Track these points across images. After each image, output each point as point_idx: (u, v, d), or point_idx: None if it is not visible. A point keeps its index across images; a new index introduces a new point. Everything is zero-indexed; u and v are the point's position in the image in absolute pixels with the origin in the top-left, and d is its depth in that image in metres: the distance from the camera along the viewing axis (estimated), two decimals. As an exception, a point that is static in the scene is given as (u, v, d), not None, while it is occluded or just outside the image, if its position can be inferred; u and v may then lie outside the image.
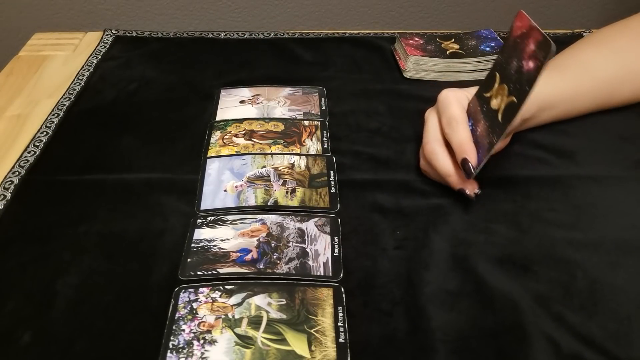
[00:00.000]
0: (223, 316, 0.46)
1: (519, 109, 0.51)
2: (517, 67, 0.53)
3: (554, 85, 0.65)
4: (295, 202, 0.57)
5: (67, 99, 0.74)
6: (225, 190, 0.59)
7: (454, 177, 0.57)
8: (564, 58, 0.70)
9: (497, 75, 0.56)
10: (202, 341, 0.44)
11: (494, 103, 0.55)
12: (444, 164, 0.58)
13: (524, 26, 0.53)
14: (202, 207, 0.57)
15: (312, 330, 0.45)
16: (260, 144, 0.65)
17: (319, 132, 0.67)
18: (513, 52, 0.54)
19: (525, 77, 0.51)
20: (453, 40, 0.84)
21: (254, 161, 0.62)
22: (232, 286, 0.49)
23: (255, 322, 0.46)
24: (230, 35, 0.91)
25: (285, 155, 0.63)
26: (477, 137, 0.57)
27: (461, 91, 0.60)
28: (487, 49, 0.81)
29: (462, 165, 0.56)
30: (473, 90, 0.60)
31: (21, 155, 0.64)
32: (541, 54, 0.49)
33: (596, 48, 0.70)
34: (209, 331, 0.45)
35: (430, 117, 0.61)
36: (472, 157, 0.55)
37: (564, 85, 0.66)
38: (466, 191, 0.57)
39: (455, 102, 0.59)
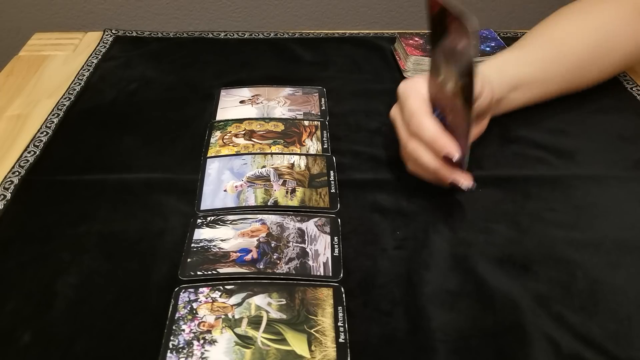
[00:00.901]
0: (223, 316, 0.46)
1: (472, 90, 0.47)
2: (452, 46, 0.49)
3: (526, 64, 0.64)
4: (295, 202, 0.57)
5: (67, 99, 0.74)
6: (225, 190, 0.59)
7: (443, 170, 0.53)
8: (536, 35, 0.68)
9: (439, 58, 0.52)
10: (202, 341, 0.44)
11: (450, 87, 0.51)
12: (430, 160, 0.53)
13: (436, 6, 0.50)
14: (202, 207, 0.57)
15: (312, 330, 0.45)
16: (260, 144, 0.65)
17: (319, 132, 0.67)
18: (440, 32, 0.51)
19: (465, 56, 0.48)
20: (453, 40, 0.84)
21: (254, 161, 0.62)
22: (232, 286, 0.49)
23: (255, 322, 0.46)
24: (230, 35, 0.91)
25: (285, 155, 0.63)
26: (449, 125, 0.53)
27: (420, 78, 0.57)
28: (487, 49, 0.81)
29: (446, 161, 0.52)
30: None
31: (21, 155, 0.64)
32: (467, 30, 0.46)
33: (571, 22, 0.68)
34: (208, 331, 0.45)
35: (396, 116, 0.58)
36: (451, 149, 0.51)
37: (536, 66, 0.64)
38: (460, 184, 0.52)
39: (413, 94, 0.55)
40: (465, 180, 0.52)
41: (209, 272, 0.50)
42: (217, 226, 0.55)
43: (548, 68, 0.65)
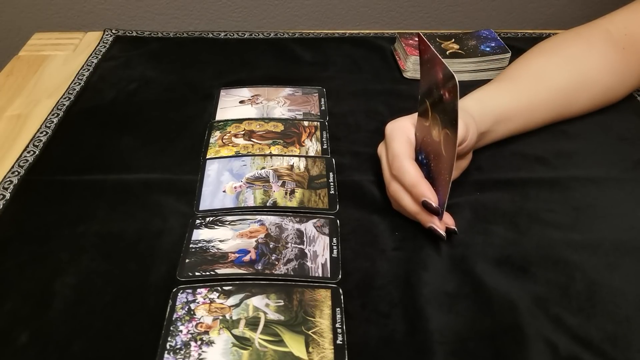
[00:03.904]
0: (221, 317, 0.46)
1: (455, 141, 0.47)
2: (438, 95, 0.49)
3: (509, 97, 0.63)
4: (294, 203, 0.57)
5: (67, 98, 0.74)
6: (224, 191, 0.59)
7: (422, 215, 0.53)
8: (516, 68, 0.68)
9: (427, 103, 0.52)
10: (199, 342, 0.44)
11: (435, 134, 0.51)
12: (410, 203, 0.53)
13: (427, 51, 0.50)
14: (201, 208, 0.57)
15: (309, 332, 0.45)
16: (260, 144, 0.65)
17: (318, 133, 0.67)
18: (429, 77, 0.51)
19: (447, 107, 0.48)
20: (453, 40, 0.84)
21: (253, 162, 0.62)
22: (230, 287, 0.49)
23: (252, 324, 0.46)
24: (230, 35, 0.91)
25: (285, 157, 0.63)
26: (431, 170, 0.53)
27: (408, 119, 0.56)
28: (487, 49, 0.81)
29: (424, 208, 0.52)
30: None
31: (21, 155, 0.64)
32: (449, 86, 0.47)
33: (549, 57, 0.68)
34: (206, 332, 0.45)
35: (382, 154, 0.57)
36: (430, 196, 0.51)
37: (519, 96, 0.64)
38: (436, 229, 0.52)
39: (398, 137, 0.55)
40: (442, 230, 0.52)
41: (207, 273, 0.50)
42: (216, 227, 0.55)
43: (532, 99, 0.64)
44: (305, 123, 0.69)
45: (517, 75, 0.67)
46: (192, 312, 0.46)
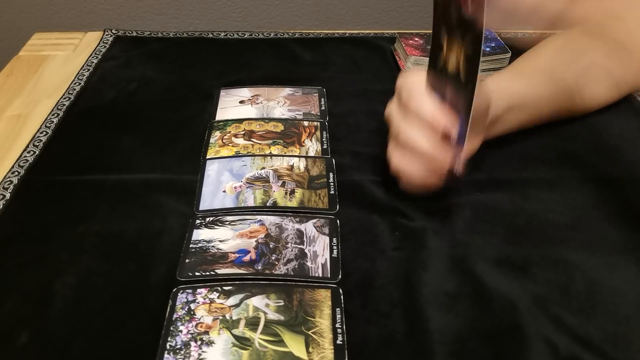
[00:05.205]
0: (221, 317, 0.46)
1: (479, 56, 0.45)
2: (457, 15, 0.47)
3: (524, 85, 0.64)
4: (294, 203, 0.57)
5: (67, 98, 0.74)
6: (224, 191, 0.59)
7: (438, 153, 0.51)
8: (525, 62, 0.68)
9: (442, 31, 0.50)
10: (199, 342, 0.44)
11: (451, 64, 0.49)
12: (425, 143, 0.50)
13: None
14: (201, 208, 0.57)
15: (309, 332, 0.45)
16: (260, 144, 0.65)
17: (318, 133, 0.67)
18: (442, 9, 0.49)
19: (470, 20, 0.45)
20: (453, 40, 0.83)
21: (254, 162, 0.62)
22: (230, 287, 0.49)
23: (252, 324, 0.46)
24: (230, 35, 0.91)
25: (285, 157, 0.63)
26: (448, 105, 0.51)
27: (418, 71, 0.55)
28: (487, 49, 0.81)
29: (446, 136, 0.50)
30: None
31: (21, 155, 0.64)
32: None
33: (558, 51, 0.69)
34: (206, 332, 0.45)
35: (392, 109, 0.55)
36: (450, 127, 0.49)
37: (531, 86, 0.64)
38: (455, 169, 0.50)
39: (412, 80, 0.54)
40: (459, 166, 0.50)
41: (207, 273, 0.50)
42: (216, 227, 0.55)
43: (540, 91, 0.65)
44: (305, 123, 0.69)
45: (528, 69, 0.67)
46: (192, 312, 0.46)
